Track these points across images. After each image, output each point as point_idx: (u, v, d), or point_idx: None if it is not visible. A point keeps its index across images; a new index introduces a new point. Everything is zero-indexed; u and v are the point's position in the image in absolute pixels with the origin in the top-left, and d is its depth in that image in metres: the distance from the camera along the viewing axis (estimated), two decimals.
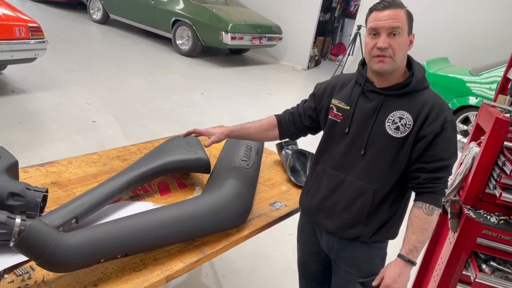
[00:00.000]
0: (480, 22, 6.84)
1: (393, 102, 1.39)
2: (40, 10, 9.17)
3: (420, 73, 1.40)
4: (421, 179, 1.36)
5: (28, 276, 1.21)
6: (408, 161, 1.38)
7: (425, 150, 1.35)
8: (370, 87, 1.43)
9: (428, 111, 1.34)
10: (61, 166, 1.81)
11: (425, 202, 1.36)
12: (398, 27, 1.30)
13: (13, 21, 4.24)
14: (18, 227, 1.16)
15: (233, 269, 2.62)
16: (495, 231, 1.58)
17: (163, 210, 1.44)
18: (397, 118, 1.37)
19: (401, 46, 1.33)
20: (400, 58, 1.34)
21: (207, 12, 7.46)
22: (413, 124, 1.35)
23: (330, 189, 1.50)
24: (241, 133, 1.73)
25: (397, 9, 1.32)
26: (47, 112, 4.32)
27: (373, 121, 1.40)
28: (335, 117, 1.50)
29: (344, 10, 10.69)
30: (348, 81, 1.53)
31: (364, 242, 1.48)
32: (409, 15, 1.35)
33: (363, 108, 1.43)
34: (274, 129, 1.69)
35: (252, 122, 1.73)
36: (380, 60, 1.33)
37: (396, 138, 1.37)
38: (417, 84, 1.38)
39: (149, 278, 1.28)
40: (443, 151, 1.35)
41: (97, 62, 6.35)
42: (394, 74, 1.38)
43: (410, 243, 1.36)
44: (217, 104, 5.58)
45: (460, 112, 5.34)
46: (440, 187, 1.37)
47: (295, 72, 8.74)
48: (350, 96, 1.48)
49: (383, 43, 1.31)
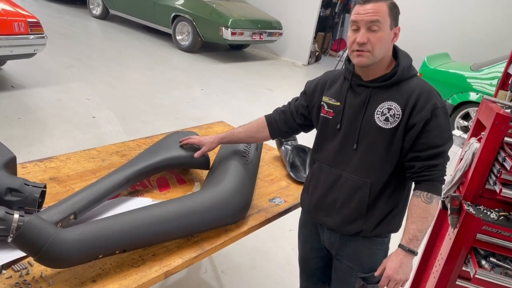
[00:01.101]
0: (481, 18, 6.82)
1: (380, 94, 1.39)
2: (40, 5, 9.14)
3: (406, 62, 1.39)
4: (416, 168, 1.36)
5: (26, 272, 1.20)
6: (401, 151, 1.38)
7: (417, 138, 1.34)
8: (357, 81, 1.43)
9: (416, 99, 1.33)
10: (60, 162, 1.80)
11: (423, 191, 1.35)
12: (377, 21, 1.29)
13: (12, 16, 4.22)
14: (16, 222, 1.16)
15: (232, 265, 2.62)
16: (495, 227, 1.58)
17: (162, 206, 1.44)
18: (385, 109, 1.37)
19: (381, 40, 1.31)
20: (380, 52, 1.33)
21: (207, 8, 7.43)
22: (402, 113, 1.34)
23: (327, 186, 1.49)
24: (231, 139, 1.75)
25: (378, 2, 1.30)
26: (46, 107, 4.31)
27: (363, 114, 1.40)
28: (327, 114, 1.51)
29: (344, 6, 10.64)
30: (337, 77, 1.53)
31: (366, 237, 1.47)
32: (392, 8, 1.32)
33: (352, 103, 1.43)
34: (263, 130, 1.70)
35: (241, 126, 1.75)
36: (359, 55, 1.33)
37: (386, 129, 1.36)
38: (403, 74, 1.37)
39: (147, 274, 1.28)
40: (436, 138, 1.34)
41: (97, 58, 6.33)
42: (379, 66, 1.38)
43: (410, 232, 1.35)
44: (217, 99, 5.57)
45: (460, 108, 5.33)
46: (437, 174, 1.35)
47: (296, 67, 8.72)
48: (340, 92, 1.48)
49: (361, 38, 1.31)
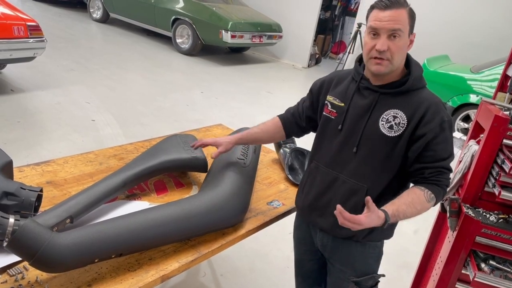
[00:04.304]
0: (481, 20, 6.82)
1: (388, 100, 1.37)
2: (40, 9, 9.16)
3: (418, 72, 1.38)
4: (426, 174, 1.34)
5: (22, 277, 1.20)
6: (402, 161, 1.37)
7: (424, 150, 1.33)
8: (365, 84, 1.41)
9: (424, 110, 1.32)
10: (57, 165, 1.80)
11: (428, 189, 1.33)
12: (399, 29, 1.27)
13: (12, 20, 4.23)
14: (12, 227, 1.15)
15: (231, 268, 2.61)
16: (494, 229, 1.57)
17: (159, 209, 1.43)
18: (391, 116, 1.35)
19: (401, 48, 1.30)
20: (398, 60, 1.32)
21: (207, 11, 7.44)
22: (407, 123, 1.33)
23: (323, 187, 1.48)
24: (249, 139, 1.72)
25: (399, 8, 1.27)
26: (46, 111, 4.31)
27: (367, 118, 1.38)
28: (329, 114, 1.49)
29: (344, 8, 10.68)
30: (344, 77, 1.51)
31: (358, 241, 1.46)
32: (411, 14, 1.30)
33: (357, 105, 1.42)
34: (280, 130, 1.69)
35: (257, 127, 1.72)
36: (377, 63, 1.31)
37: (389, 137, 1.35)
38: (414, 83, 1.36)
39: (144, 278, 1.27)
40: (443, 151, 1.33)
41: (97, 61, 6.34)
42: (391, 73, 1.36)
43: (398, 210, 1.26)
44: (217, 102, 5.57)
45: (460, 110, 5.32)
46: (444, 182, 1.35)
47: (296, 70, 8.72)
48: (346, 93, 1.46)
49: (382, 46, 1.28)
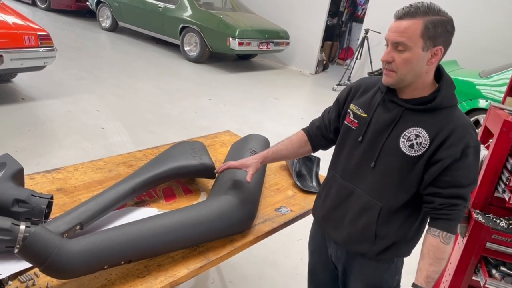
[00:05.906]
0: (489, 25, 6.78)
1: (412, 116, 1.29)
2: (50, 19, 9.31)
3: (449, 89, 1.28)
4: (436, 204, 1.26)
5: (32, 283, 1.21)
6: (419, 182, 1.29)
7: (440, 175, 1.25)
8: (391, 97, 1.33)
9: (448, 133, 1.23)
10: (67, 173, 1.82)
11: (442, 230, 1.26)
12: (402, 42, 1.20)
13: (23, 29, 4.31)
14: (23, 233, 1.17)
15: (240, 275, 2.61)
16: (505, 235, 1.56)
17: (167, 216, 1.44)
18: (413, 135, 1.27)
19: (406, 62, 1.22)
20: (405, 74, 1.24)
21: (215, 19, 7.50)
22: (429, 144, 1.25)
23: (339, 199, 1.44)
24: (275, 157, 1.66)
25: (414, 19, 1.19)
26: (56, 119, 4.37)
27: (388, 134, 1.31)
28: (351, 124, 1.42)
29: (351, 14, 10.68)
30: (372, 86, 1.43)
31: (371, 258, 1.41)
32: (429, 27, 1.19)
33: (380, 118, 1.34)
34: (306, 145, 1.62)
35: (281, 143, 1.65)
36: (385, 74, 1.28)
37: (409, 156, 1.27)
38: (442, 102, 1.26)
39: (153, 284, 1.28)
40: (462, 178, 1.25)
41: (106, 70, 6.41)
42: (416, 87, 1.28)
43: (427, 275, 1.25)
44: (224, 109, 5.59)
45: (470, 115, 5.28)
46: (457, 214, 1.26)
47: (303, 76, 8.72)
48: (370, 104, 1.39)
49: (384, 56, 1.25)
